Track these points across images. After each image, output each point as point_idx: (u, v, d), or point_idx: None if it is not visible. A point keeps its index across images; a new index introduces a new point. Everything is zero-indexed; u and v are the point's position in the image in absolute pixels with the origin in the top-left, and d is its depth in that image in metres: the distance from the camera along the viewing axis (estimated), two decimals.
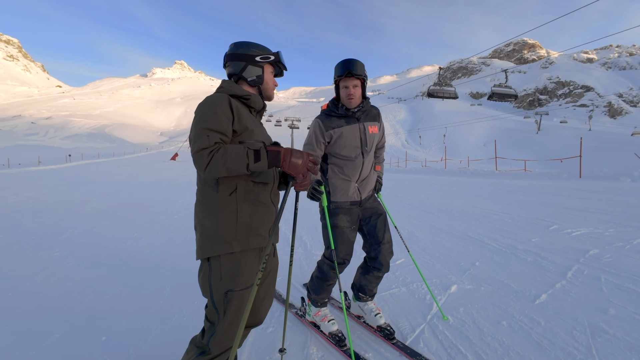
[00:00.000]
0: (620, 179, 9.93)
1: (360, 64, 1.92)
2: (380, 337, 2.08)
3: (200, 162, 1.20)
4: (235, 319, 1.32)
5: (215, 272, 1.30)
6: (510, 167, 25.51)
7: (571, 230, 4.34)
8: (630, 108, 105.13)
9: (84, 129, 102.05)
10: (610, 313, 2.25)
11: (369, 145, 2.06)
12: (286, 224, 5.26)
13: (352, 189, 2.06)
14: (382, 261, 2.10)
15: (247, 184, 1.36)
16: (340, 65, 1.93)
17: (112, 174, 17.03)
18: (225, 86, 1.43)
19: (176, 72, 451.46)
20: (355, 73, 1.89)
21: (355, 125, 2.03)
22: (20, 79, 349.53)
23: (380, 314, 2.17)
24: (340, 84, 1.97)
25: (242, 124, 1.34)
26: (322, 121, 2.04)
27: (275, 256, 1.58)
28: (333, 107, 2.05)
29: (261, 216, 1.41)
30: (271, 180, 1.46)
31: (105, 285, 2.94)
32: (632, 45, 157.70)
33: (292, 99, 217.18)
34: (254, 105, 1.45)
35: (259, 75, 1.47)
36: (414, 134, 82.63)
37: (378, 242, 2.09)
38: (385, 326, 2.10)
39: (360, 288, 2.23)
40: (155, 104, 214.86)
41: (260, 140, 1.41)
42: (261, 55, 1.46)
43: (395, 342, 2.00)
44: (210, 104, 1.29)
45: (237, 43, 1.48)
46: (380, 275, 2.17)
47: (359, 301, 2.28)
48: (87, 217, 5.98)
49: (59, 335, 2.14)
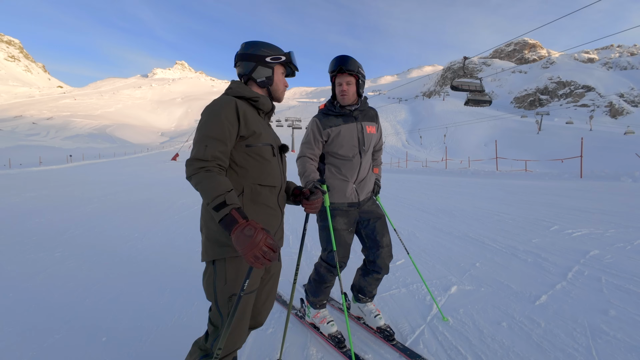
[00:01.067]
0: (621, 179, 9.91)
1: (353, 60, 1.90)
2: (380, 338, 2.08)
3: (188, 169, 1.20)
4: (239, 323, 1.31)
5: (220, 275, 1.29)
6: (511, 168, 25.48)
7: (572, 231, 4.33)
8: (631, 108, 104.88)
9: (85, 130, 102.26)
10: (611, 314, 2.24)
11: (367, 145, 2.06)
12: (285, 223, 5.27)
13: (349, 189, 2.05)
14: (382, 265, 2.10)
15: (254, 187, 1.35)
16: (333, 61, 1.93)
17: (113, 175, 17.06)
18: (233, 87, 1.41)
19: (177, 73, 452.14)
20: (347, 69, 1.89)
21: (353, 124, 2.03)
22: (21, 79, 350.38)
23: (380, 315, 2.17)
24: (335, 80, 1.98)
25: (250, 128, 1.32)
26: (320, 120, 2.03)
27: (279, 260, 1.57)
28: (330, 106, 2.05)
29: (267, 220, 1.38)
30: (278, 184, 1.44)
31: (106, 285, 2.95)
32: (634, 45, 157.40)
33: (292, 99, 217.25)
34: (262, 107, 1.43)
35: (268, 77, 1.44)
36: (415, 134, 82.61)
37: (377, 246, 2.09)
38: (385, 327, 2.10)
39: (360, 289, 2.23)
40: (156, 105, 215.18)
41: (269, 142, 1.40)
42: (272, 55, 1.42)
43: (395, 344, 2.00)
44: (215, 109, 1.28)
45: (248, 43, 1.45)
46: (379, 277, 2.16)
47: (359, 302, 2.28)
48: (89, 217, 6.00)
49: (60, 336, 2.15)
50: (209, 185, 1.14)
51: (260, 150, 1.36)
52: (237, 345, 1.34)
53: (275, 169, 1.43)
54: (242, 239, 1.05)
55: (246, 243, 1.04)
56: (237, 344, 1.33)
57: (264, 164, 1.37)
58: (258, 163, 1.36)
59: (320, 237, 2.12)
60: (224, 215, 1.10)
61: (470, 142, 67.83)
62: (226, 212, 1.10)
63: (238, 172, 1.34)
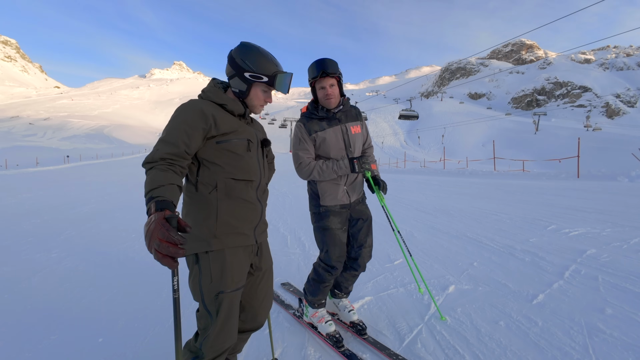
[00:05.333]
0: (617, 179, 9.96)
1: (333, 62, 1.89)
2: (353, 332, 2.14)
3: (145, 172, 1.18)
4: (227, 322, 1.30)
5: (206, 274, 1.28)
6: (509, 168, 25.57)
7: (569, 230, 4.35)
8: (627, 108, 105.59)
9: (82, 130, 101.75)
10: (608, 313, 2.25)
11: (353, 146, 2.07)
12: (284, 224, 5.26)
13: (340, 192, 2.06)
14: (361, 263, 2.16)
15: (227, 182, 1.33)
16: (313, 66, 1.89)
17: (110, 175, 16.98)
18: (206, 91, 1.39)
19: (175, 73, 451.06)
20: (330, 72, 1.87)
21: (338, 127, 2.02)
22: (18, 79, 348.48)
23: (354, 311, 2.24)
24: (316, 85, 1.93)
25: (220, 130, 1.30)
26: (304, 124, 2.00)
27: (264, 255, 1.52)
28: (313, 110, 2.01)
29: (245, 214, 1.37)
30: (256, 178, 1.42)
31: (103, 286, 2.93)
32: (630, 46, 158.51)
33: (290, 100, 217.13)
34: (232, 112, 1.38)
35: (242, 91, 1.38)
36: (413, 134, 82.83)
37: (360, 245, 2.14)
38: (358, 322, 2.16)
39: (337, 285, 2.28)
40: (154, 105, 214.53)
41: (246, 138, 1.38)
42: (252, 73, 1.34)
43: (366, 338, 2.06)
44: (178, 114, 1.26)
45: (242, 46, 1.38)
46: (357, 274, 2.23)
47: (335, 298, 2.34)
48: (85, 218, 5.97)
49: (56, 337, 2.13)
50: (147, 181, 1.09)
51: (231, 145, 1.33)
52: (226, 344, 1.32)
53: (251, 163, 1.40)
54: (144, 232, 0.95)
55: (144, 235, 0.94)
56: (226, 344, 1.32)
57: (237, 158, 1.35)
58: (230, 158, 1.33)
59: (316, 238, 2.13)
60: (147, 209, 1.03)
61: (468, 142, 68.07)
62: (149, 205, 1.02)
63: (210, 168, 1.32)
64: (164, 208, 1.00)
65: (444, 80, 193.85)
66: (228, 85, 1.44)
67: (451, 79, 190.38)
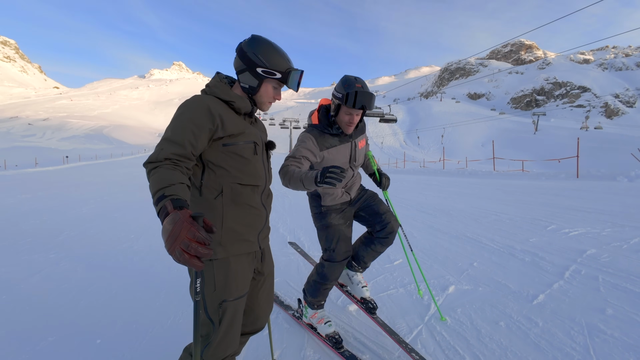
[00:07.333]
0: (617, 178, 9.97)
1: (374, 97, 1.79)
2: (362, 309, 2.13)
3: (146, 173, 1.12)
4: (230, 330, 1.27)
5: (209, 282, 1.23)
6: (508, 168, 25.58)
7: (569, 230, 4.34)
8: (626, 108, 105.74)
9: (81, 130, 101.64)
10: (608, 313, 2.24)
11: (358, 160, 2.06)
12: (283, 224, 5.25)
13: (339, 193, 2.07)
14: (389, 230, 2.05)
15: (234, 186, 1.27)
16: (354, 96, 1.73)
17: (109, 176, 16.95)
18: (211, 86, 1.31)
19: (174, 73, 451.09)
20: (369, 110, 1.78)
21: (348, 143, 1.98)
22: (17, 80, 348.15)
23: (367, 287, 2.21)
24: (343, 106, 1.82)
25: (227, 131, 1.24)
26: (316, 138, 1.86)
27: (267, 260, 1.49)
28: (326, 124, 1.90)
29: (250, 220, 1.32)
30: (262, 183, 1.37)
31: (101, 287, 2.92)
32: (628, 47, 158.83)
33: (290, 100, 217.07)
34: (239, 110, 1.31)
35: (252, 87, 1.32)
36: (412, 134, 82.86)
37: (379, 213, 2.07)
38: (370, 299, 2.14)
39: (356, 257, 2.22)
40: (154, 105, 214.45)
41: (251, 140, 1.31)
42: (265, 69, 1.27)
43: (375, 317, 2.06)
44: (183, 111, 1.19)
45: (254, 39, 1.30)
46: (381, 250, 2.16)
47: (350, 269, 2.28)
48: (84, 219, 5.95)
49: (54, 338, 2.12)
50: (154, 180, 1.02)
51: (238, 149, 1.28)
52: (228, 352, 1.29)
53: (257, 167, 1.35)
54: (164, 231, 0.87)
55: (167, 235, 0.85)
56: (228, 351, 1.29)
57: (243, 162, 1.29)
58: (237, 162, 1.28)
59: (320, 238, 2.11)
60: (160, 208, 0.94)
61: (467, 142, 68.11)
62: (163, 204, 0.95)
63: (216, 172, 1.26)
64: (182, 207, 0.94)
65: (443, 80, 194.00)
66: (233, 81, 1.39)
67: (450, 79, 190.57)
